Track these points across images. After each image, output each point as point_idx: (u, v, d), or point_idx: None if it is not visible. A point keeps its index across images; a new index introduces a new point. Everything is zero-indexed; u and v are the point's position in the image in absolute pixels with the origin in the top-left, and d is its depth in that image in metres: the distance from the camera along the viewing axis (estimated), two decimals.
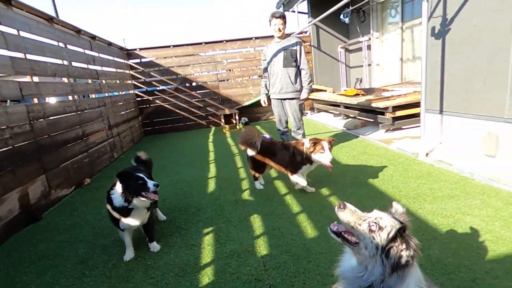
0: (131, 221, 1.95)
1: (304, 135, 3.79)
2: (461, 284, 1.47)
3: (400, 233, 0.95)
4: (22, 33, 3.20)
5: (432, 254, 1.72)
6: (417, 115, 4.59)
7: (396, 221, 0.99)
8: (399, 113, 4.64)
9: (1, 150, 2.62)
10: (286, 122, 3.88)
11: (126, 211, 1.91)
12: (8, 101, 4.03)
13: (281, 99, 3.65)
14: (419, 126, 4.11)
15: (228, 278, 1.73)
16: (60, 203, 3.29)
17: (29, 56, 3.26)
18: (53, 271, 1.99)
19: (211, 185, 3.32)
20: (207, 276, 1.77)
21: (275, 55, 3.52)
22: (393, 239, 0.94)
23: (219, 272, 1.80)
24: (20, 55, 3.13)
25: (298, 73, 3.55)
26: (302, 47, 3.50)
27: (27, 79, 3.30)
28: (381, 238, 0.95)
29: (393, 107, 4.61)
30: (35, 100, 3.37)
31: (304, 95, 3.55)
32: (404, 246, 0.93)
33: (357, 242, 1.01)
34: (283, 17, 3.42)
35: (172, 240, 2.24)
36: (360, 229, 1.00)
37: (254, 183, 3.10)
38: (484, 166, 2.91)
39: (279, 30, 3.44)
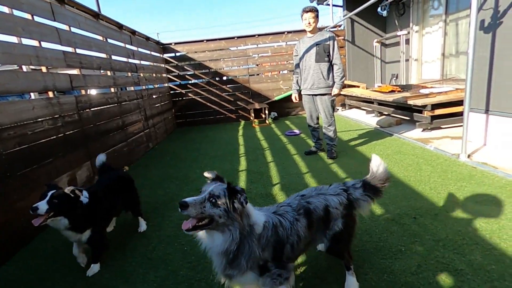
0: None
1: (335, 132, 3.74)
2: None
3: (229, 191, 1.21)
4: (73, 29, 3.45)
5: (473, 259, 1.65)
6: (458, 114, 4.34)
7: (222, 185, 1.25)
8: (438, 111, 4.41)
9: (54, 137, 2.86)
10: (317, 118, 3.85)
11: None
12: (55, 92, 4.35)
13: (312, 95, 3.62)
14: (460, 125, 3.87)
15: None
16: None
17: (78, 50, 3.51)
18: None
19: (242, 178, 3.39)
20: None
21: (307, 50, 3.48)
22: (230, 197, 1.20)
23: None
24: (70, 49, 3.38)
25: (331, 68, 3.49)
26: (336, 42, 3.43)
27: (76, 71, 3.55)
28: (222, 203, 1.19)
29: (432, 105, 4.39)
30: (82, 92, 3.62)
31: (335, 90, 3.49)
32: (234, 198, 1.20)
33: (211, 221, 1.19)
34: (314, 11, 3.37)
35: None
36: (208, 211, 1.17)
37: None
38: None
39: (309, 24, 3.40)
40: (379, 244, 1.90)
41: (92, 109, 3.63)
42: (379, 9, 6.62)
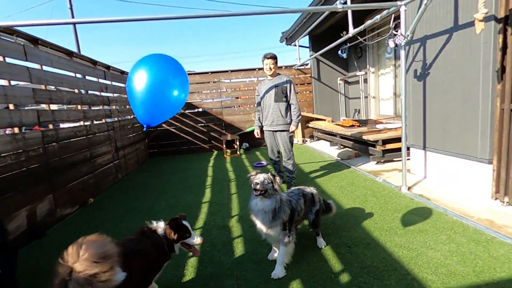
0: None
1: (294, 165, 4.04)
2: None
3: (273, 178, 2.12)
4: (45, 67, 3.64)
5: (388, 284, 1.89)
6: (407, 149, 4.81)
7: (268, 175, 2.13)
8: (389, 146, 4.86)
9: (16, 171, 2.94)
10: (278, 152, 4.15)
11: None
12: (23, 127, 4.41)
13: (272, 131, 3.95)
14: (408, 159, 4.32)
15: None
16: (64, 221, 3.56)
17: (48, 87, 3.68)
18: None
19: (204, 210, 3.55)
20: None
21: (267, 91, 3.86)
22: (271, 182, 2.10)
23: None
24: (41, 86, 3.55)
25: (288, 107, 3.87)
26: (292, 85, 3.85)
27: (44, 107, 3.69)
28: (269, 183, 2.09)
29: (383, 140, 4.84)
30: (50, 126, 3.74)
31: (293, 127, 3.85)
32: (276, 183, 2.13)
33: (266, 191, 2.07)
34: (273, 58, 3.80)
35: None
36: (267, 186, 2.07)
37: None
38: (459, 202, 3.09)
39: (270, 69, 3.81)
40: (313, 272, 2.11)
41: (59, 142, 3.74)
42: (339, 52, 7.34)
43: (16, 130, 3.07)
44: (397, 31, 3.48)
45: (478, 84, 3.01)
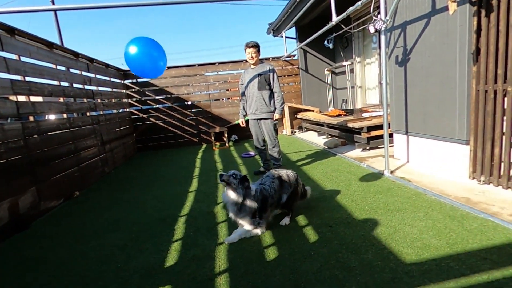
0: None
1: (280, 153, 4.08)
2: (382, 282, 1.70)
3: (243, 178, 2.42)
4: (23, 58, 3.56)
5: (365, 257, 1.95)
6: (391, 136, 4.90)
7: (239, 173, 2.45)
8: (374, 133, 4.94)
9: None
10: (264, 140, 4.17)
11: None
12: (9, 118, 4.32)
13: (257, 119, 3.97)
14: (392, 145, 4.40)
15: (185, 279, 1.95)
16: (49, 214, 3.52)
17: (27, 78, 3.61)
18: (34, 273, 2.21)
19: (190, 199, 3.56)
20: (167, 277, 2.00)
21: (251, 80, 3.87)
22: (239, 179, 2.40)
23: (179, 273, 2.02)
24: (19, 77, 3.48)
25: (272, 95, 3.88)
26: (275, 73, 3.86)
27: (24, 98, 3.62)
28: (236, 179, 2.40)
29: (368, 127, 4.91)
30: (31, 118, 3.67)
31: (276, 115, 3.87)
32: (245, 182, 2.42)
33: (229, 183, 2.39)
34: (255, 46, 3.80)
35: (144, 246, 2.47)
36: (232, 180, 2.39)
37: None
38: (438, 183, 3.18)
39: (252, 57, 3.81)
40: (294, 250, 2.15)
41: (40, 135, 3.68)
42: (325, 42, 7.37)
43: None
44: (377, 17, 3.52)
45: (455, 67, 3.08)
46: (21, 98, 3.52)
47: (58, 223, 3.21)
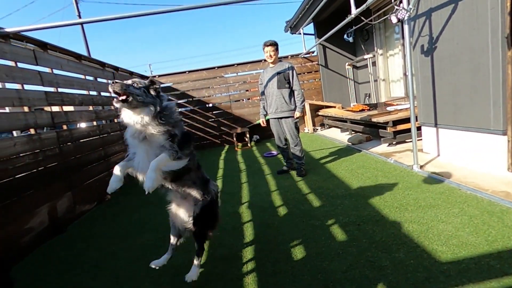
0: None
1: (302, 151, 4.03)
2: (416, 281, 1.63)
3: (151, 83, 1.71)
4: (55, 71, 3.78)
5: (396, 256, 1.88)
6: (419, 129, 4.69)
7: (145, 80, 1.73)
8: (400, 127, 4.75)
9: (34, 170, 3.10)
10: (286, 139, 4.14)
11: None
12: (45, 128, 4.61)
13: (277, 118, 3.94)
14: (420, 139, 4.22)
15: (213, 278, 1.98)
16: (84, 217, 3.72)
17: (60, 89, 3.82)
18: (71, 273, 2.34)
19: None
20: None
21: (270, 79, 3.86)
22: (149, 86, 1.69)
23: (208, 273, 2.05)
24: (52, 89, 3.70)
25: (292, 93, 3.85)
26: (295, 71, 3.82)
27: (57, 109, 3.85)
28: (143, 85, 1.67)
29: (394, 121, 4.73)
30: (64, 127, 3.89)
31: (297, 113, 3.83)
32: (153, 85, 1.71)
33: (129, 96, 1.58)
34: (274, 44, 3.77)
35: None
36: (132, 90, 1.60)
37: None
38: (472, 177, 3.00)
39: (271, 56, 3.79)
40: (322, 249, 2.12)
41: (73, 142, 3.89)
42: (345, 36, 7.19)
43: (32, 131, 3.22)
44: (399, 6, 3.38)
45: (488, 53, 2.89)
46: (55, 109, 3.74)
47: (91, 225, 3.38)
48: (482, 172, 3.06)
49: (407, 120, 4.73)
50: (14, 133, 3.58)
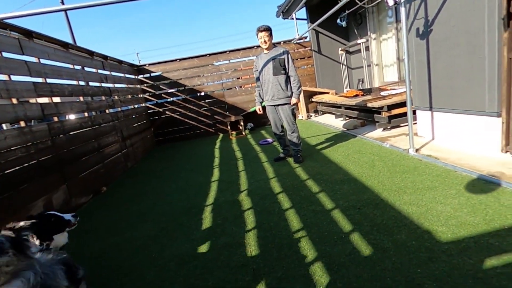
0: None
1: (299, 138, 4.03)
2: (419, 262, 1.67)
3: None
4: (42, 60, 3.64)
5: (398, 238, 1.91)
6: (413, 113, 4.72)
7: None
8: (395, 111, 4.78)
9: (28, 164, 3.01)
10: (282, 126, 4.13)
11: None
12: (33, 121, 4.48)
13: (274, 105, 3.91)
14: (415, 123, 4.26)
15: (219, 265, 1.99)
16: (81, 209, 3.67)
17: (48, 80, 3.69)
18: None
19: (213, 188, 3.61)
20: (201, 264, 2.04)
21: (265, 65, 3.79)
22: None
23: (212, 260, 2.06)
24: (40, 79, 3.56)
25: (288, 80, 3.80)
26: (290, 56, 3.76)
27: (47, 100, 3.72)
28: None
29: (389, 106, 4.76)
30: (55, 119, 3.78)
31: (294, 100, 3.80)
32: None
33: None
34: (267, 30, 3.69)
35: (175, 235, 2.53)
36: None
37: None
38: (468, 159, 3.05)
39: (265, 42, 3.72)
40: (324, 233, 2.14)
41: (66, 134, 3.79)
42: (338, 21, 7.11)
43: (22, 123, 3.12)
44: None
45: (484, 35, 2.89)
46: (45, 100, 3.62)
47: (90, 218, 3.34)
48: (477, 154, 3.12)
49: (401, 105, 4.76)
50: (4, 126, 3.44)
